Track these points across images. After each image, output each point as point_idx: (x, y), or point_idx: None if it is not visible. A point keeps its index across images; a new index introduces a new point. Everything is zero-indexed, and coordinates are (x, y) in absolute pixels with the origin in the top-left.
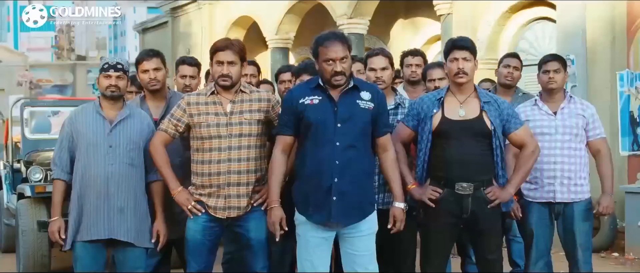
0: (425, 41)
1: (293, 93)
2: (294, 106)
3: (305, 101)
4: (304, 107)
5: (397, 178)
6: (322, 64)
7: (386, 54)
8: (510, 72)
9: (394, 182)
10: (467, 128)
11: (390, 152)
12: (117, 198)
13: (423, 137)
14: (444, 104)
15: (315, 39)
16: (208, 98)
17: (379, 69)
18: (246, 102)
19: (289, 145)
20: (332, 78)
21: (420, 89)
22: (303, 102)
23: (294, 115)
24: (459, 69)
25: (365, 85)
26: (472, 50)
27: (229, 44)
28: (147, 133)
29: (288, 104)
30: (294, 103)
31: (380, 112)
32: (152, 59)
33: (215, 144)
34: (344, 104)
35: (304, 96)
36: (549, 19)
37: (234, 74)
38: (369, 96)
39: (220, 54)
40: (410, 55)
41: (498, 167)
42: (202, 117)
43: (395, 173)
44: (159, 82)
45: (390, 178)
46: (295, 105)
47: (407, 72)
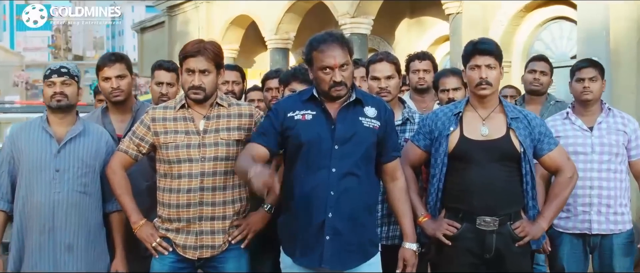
0: (432, 42)
1: (281, 104)
2: (280, 120)
3: (296, 116)
4: (293, 123)
5: (408, 212)
6: (317, 73)
7: (392, 59)
8: (537, 78)
9: (405, 217)
10: (491, 150)
11: (400, 180)
12: (64, 233)
13: (437, 159)
14: (463, 120)
15: (309, 42)
16: (177, 113)
17: (384, 78)
18: (223, 118)
19: (261, 157)
20: (330, 89)
21: (429, 98)
22: (292, 117)
23: (278, 131)
24: (482, 78)
25: (370, 98)
26: (497, 55)
27: (201, 48)
28: (105, 153)
29: (273, 115)
30: (281, 117)
31: (388, 133)
32: (115, 65)
33: (185, 169)
34: (343, 120)
35: (294, 110)
36: (567, 18)
37: (208, 85)
38: (375, 112)
39: (190, 61)
40: (417, 60)
41: (528, 197)
42: (170, 136)
43: (406, 207)
44: (123, 91)
45: (400, 213)
46: (282, 119)
47: (414, 79)
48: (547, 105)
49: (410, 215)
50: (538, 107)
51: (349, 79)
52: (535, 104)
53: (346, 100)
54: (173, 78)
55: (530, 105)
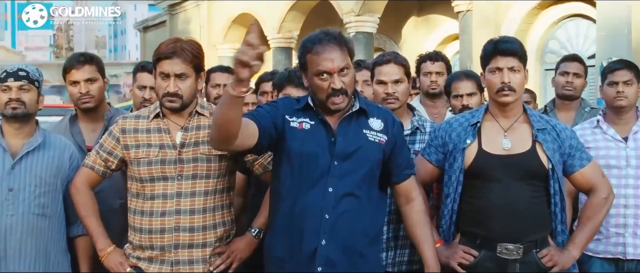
0: (440, 41)
1: (279, 103)
2: (277, 114)
3: (293, 122)
4: (289, 130)
5: (429, 237)
6: (313, 79)
7: (400, 61)
8: (570, 80)
9: (425, 242)
10: (514, 166)
11: (417, 201)
12: (19, 263)
13: (451, 177)
14: (481, 131)
15: (302, 44)
16: (150, 123)
17: (391, 82)
18: (204, 129)
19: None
20: (329, 99)
21: (441, 103)
22: (289, 121)
23: (274, 121)
24: (504, 83)
25: (376, 109)
26: (521, 56)
27: (176, 48)
28: (69, 169)
29: (272, 107)
30: (279, 113)
31: (397, 148)
32: (84, 67)
33: (159, 189)
34: (345, 133)
35: (291, 114)
36: (584, 16)
37: (185, 91)
38: (381, 125)
39: (164, 64)
40: (429, 61)
41: (556, 220)
42: (142, 151)
43: (426, 231)
44: (93, 97)
45: (420, 239)
46: (281, 117)
47: (425, 82)
48: (582, 112)
49: (431, 241)
50: (571, 113)
51: (350, 85)
52: (568, 110)
53: (348, 111)
54: None
55: (563, 112)
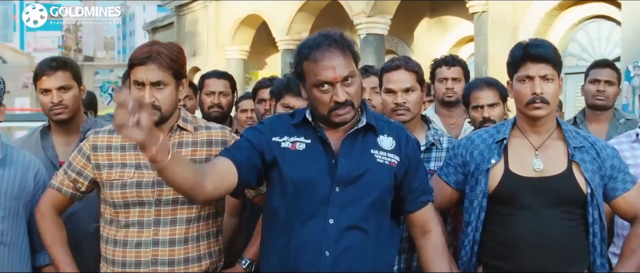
0: (454, 43)
1: (265, 124)
2: (260, 140)
3: (284, 142)
4: (279, 152)
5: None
6: (312, 91)
7: (411, 66)
8: (601, 89)
9: None
10: (546, 191)
11: (434, 232)
12: None
13: (473, 202)
14: (508, 149)
15: (298, 49)
16: (126, 139)
17: (401, 91)
18: (187, 146)
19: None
20: (331, 114)
21: (457, 113)
22: (278, 143)
23: (259, 151)
24: (536, 94)
25: (386, 124)
26: (556, 63)
27: (152, 52)
28: (33, 190)
29: (253, 133)
30: (263, 137)
31: (412, 171)
32: (56, 73)
33: (134, 216)
34: (348, 154)
35: (281, 134)
36: (606, 17)
37: (163, 102)
38: (392, 143)
39: (138, 71)
40: (444, 65)
41: (595, 253)
42: (115, 172)
43: (443, 268)
44: (67, 108)
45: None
46: (266, 143)
47: (441, 89)
48: (616, 124)
49: None
50: (604, 125)
51: (356, 96)
52: (600, 121)
53: (354, 126)
54: None
55: (594, 124)
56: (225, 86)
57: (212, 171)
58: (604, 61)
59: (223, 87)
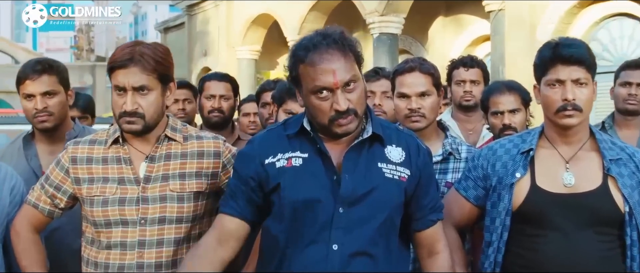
0: (469, 42)
1: (255, 145)
2: (253, 172)
3: (277, 162)
4: (274, 173)
5: None
6: (309, 98)
7: (427, 69)
8: (633, 93)
9: None
10: (579, 209)
11: (442, 255)
12: None
13: (494, 220)
14: (535, 161)
15: (292, 51)
16: (108, 151)
17: (415, 96)
18: (176, 158)
19: (233, 236)
20: (332, 124)
21: (476, 118)
22: (273, 164)
23: (253, 187)
24: (567, 100)
25: (395, 133)
26: (590, 65)
27: (134, 54)
28: (9, 206)
29: (241, 165)
30: (255, 166)
31: (423, 185)
32: (41, 77)
33: (116, 236)
34: (352, 168)
35: (275, 152)
36: (629, 15)
37: (148, 109)
38: (402, 154)
39: (119, 74)
40: (462, 67)
41: None
42: (96, 187)
43: None
44: (52, 115)
45: None
46: (257, 169)
47: (458, 93)
48: None
49: None
50: (635, 132)
51: (359, 103)
52: (631, 127)
53: (358, 136)
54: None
55: (624, 130)
56: (226, 89)
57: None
58: (636, 62)
59: (224, 90)
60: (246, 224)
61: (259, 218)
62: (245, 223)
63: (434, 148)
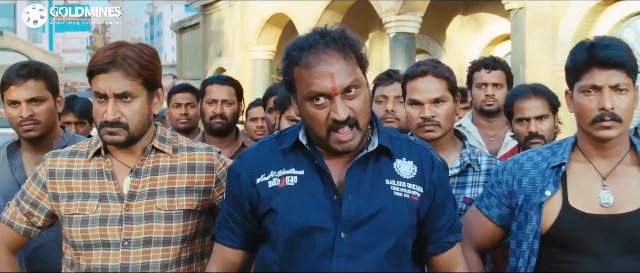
0: (488, 41)
1: (245, 162)
2: (244, 195)
3: (270, 181)
4: (267, 195)
5: None
6: (304, 106)
7: (441, 72)
8: None
9: None
10: (618, 232)
11: None
12: None
13: (521, 243)
14: (568, 177)
15: (286, 51)
16: (90, 163)
17: (429, 102)
18: (164, 172)
19: (237, 265)
20: (331, 135)
21: (499, 123)
22: (265, 184)
23: (246, 211)
24: (604, 109)
25: (405, 144)
26: (630, 68)
27: (116, 57)
28: None
29: (232, 187)
30: (245, 187)
31: (438, 204)
32: (27, 82)
33: (97, 260)
34: (356, 187)
35: (266, 170)
36: None
37: (132, 118)
38: (413, 169)
39: (100, 79)
40: (484, 68)
41: None
42: (75, 204)
43: None
44: (39, 124)
45: None
46: (248, 191)
47: (479, 96)
48: None
49: None
50: None
51: (362, 113)
52: None
53: (362, 151)
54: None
55: None
56: (229, 93)
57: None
58: None
59: (227, 95)
60: (247, 252)
61: (251, 244)
62: (247, 251)
63: (450, 160)
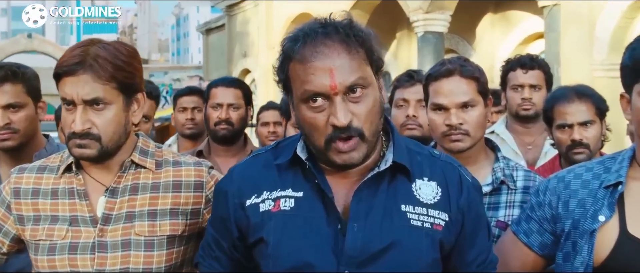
0: (521, 40)
1: (234, 177)
2: (232, 219)
3: (262, 203)
4: (257, 221)
5: None
6: (300, 109)
7: (469, 72)
8: None
9: None
10: None
11: None
12: None
13: None
14: (625, 199)
15: (282, 42)
16: (59, 180)
17: (456, 107)
18: (145, 191)
19: None
20: (329, 147)
21: (537, 130)
22: (256, 207)
23: (233, 240)
24: None
25: (427, 160)
26: None
27: (84, 57)
28: None
29: (219, 204)
30: (234, 205)
31: (468, 234)
32: (3, 86)
33: None
34: (364, 214)
35: (258, 189)
36: None
37: (105, 128)
38: (436, 191)
39: (67, 83)
40: (520, 68)
41: None
42: (42, 228)
43: None
44: (17, 132)
45: None
46: (236, 211)
47: (514, 99)
48: None
49: None
50: None
51: (369, 119)
52: None
53: (373, 167)
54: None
55: None
56: (236, 96)
57: None
58: None
59: (233, 98)
60: None
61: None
62: None
63: (481, 176)
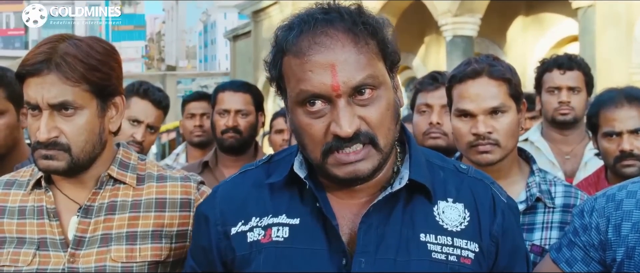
0: (554, 44)
1: (216, 200)
2: (214, 243)
3: (250, 232)
4: (245, 252)
5: None
6: (294, 112)
7: (498, 73)
8: None
9: None
10: None
11: None
12: None
13: None
14: None
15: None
16: (27, 197)
17: (484, 113)
18: (124, 210)
19: None
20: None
21: (576, 138)
22: (242, 236)
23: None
24: None
25: (451, 175)
26: None
27: (51, 55)
28: None
29: (201, 233)
30: (216, 234)
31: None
32: None
33: None
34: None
35: (246, 214)
36: None
37: (75, 139)
38: (464, 216)
39: (31, 85)
40: (557, 69)
41: None
42: (7, 252)
43: None
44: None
45: None
46: (220, 240)
47: (551, 104)
48: None
49: None
50: None
51: (381, 127)
52: None
53: (386, 189)
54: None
55: None
56: (244, 102)
57: None
58: None
59: (242, 104)
60: None
61: None
62: None
63: (513, 192)
